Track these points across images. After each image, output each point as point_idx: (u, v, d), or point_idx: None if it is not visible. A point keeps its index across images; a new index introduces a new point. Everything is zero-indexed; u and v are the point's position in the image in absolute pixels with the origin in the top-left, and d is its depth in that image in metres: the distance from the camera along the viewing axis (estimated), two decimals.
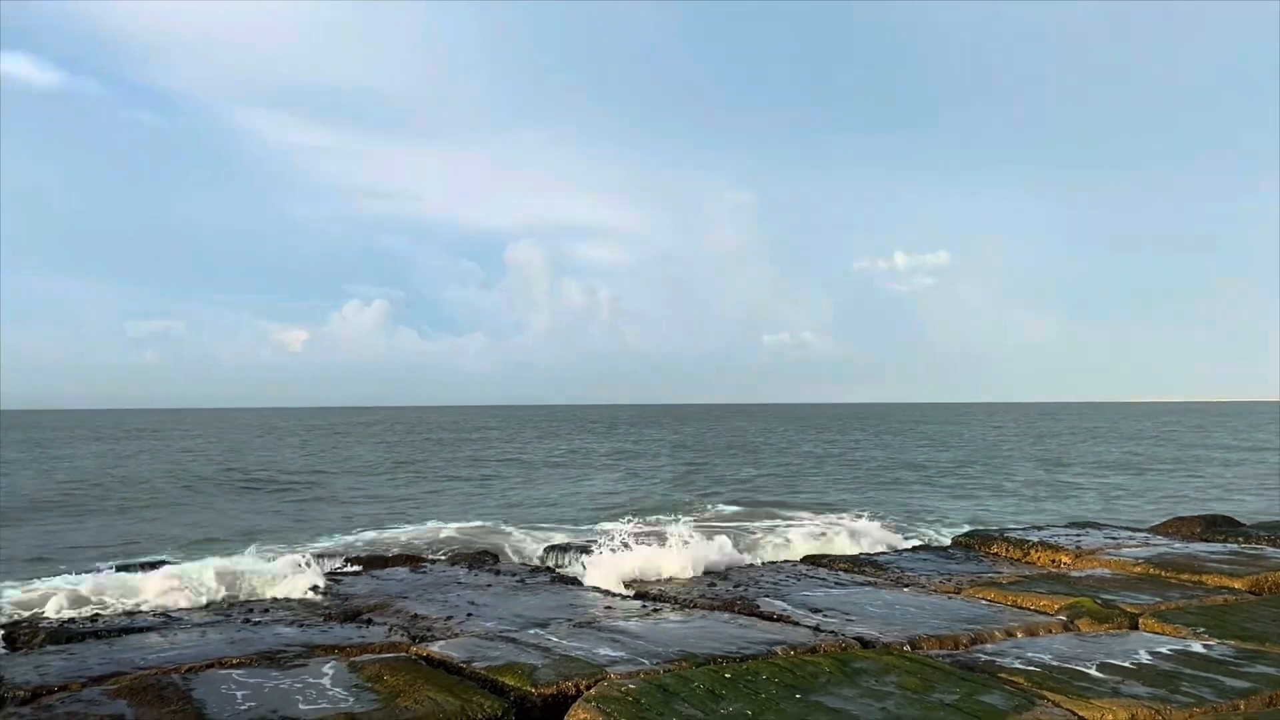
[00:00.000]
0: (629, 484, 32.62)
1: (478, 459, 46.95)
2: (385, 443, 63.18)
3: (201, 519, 23.08)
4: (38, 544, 19.13)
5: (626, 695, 5.27)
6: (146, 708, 5.24)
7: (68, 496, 28.50)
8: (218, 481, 33.60)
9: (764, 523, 19.36)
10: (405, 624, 7.73)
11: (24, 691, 5.82)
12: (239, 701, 5.35)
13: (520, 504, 26.30)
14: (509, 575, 10.07)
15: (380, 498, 28.33)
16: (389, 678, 5.67)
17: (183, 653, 6.67)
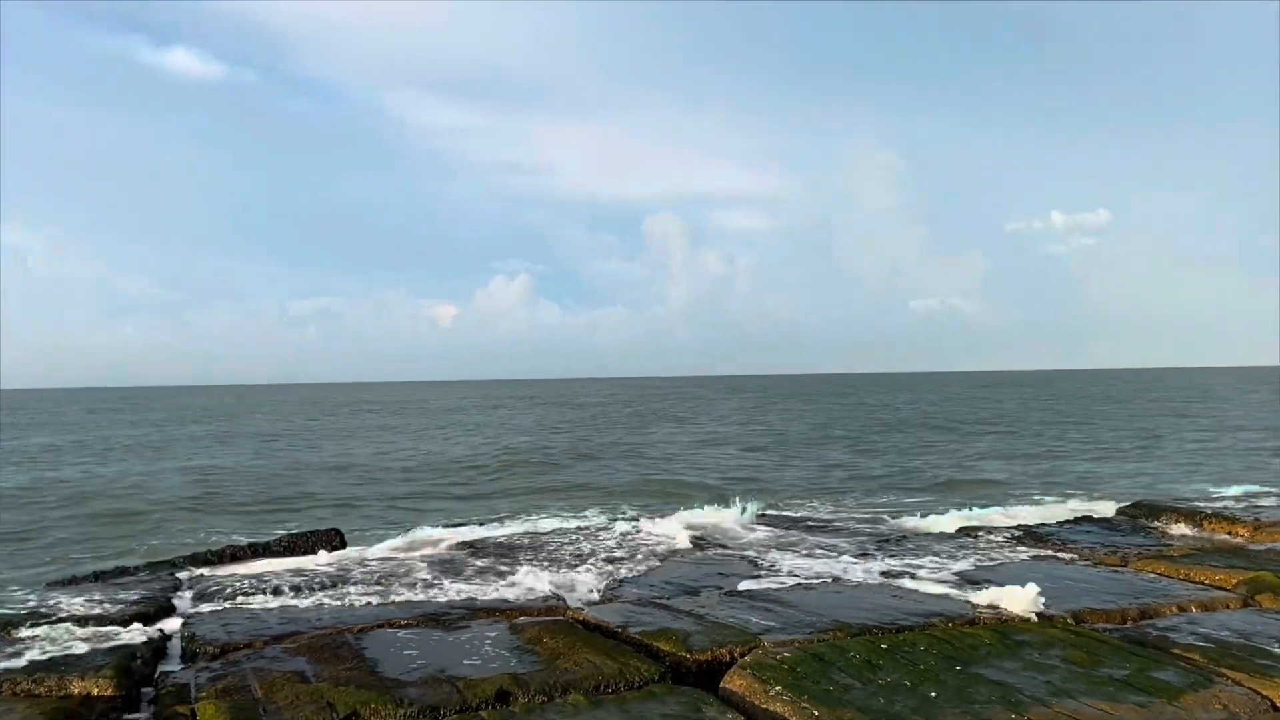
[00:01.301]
0: (761, 456, 32.46)
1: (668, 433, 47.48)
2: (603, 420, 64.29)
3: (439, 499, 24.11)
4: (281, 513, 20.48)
5: (782, 663, 5.27)
6: (323, 664, 5.53)
7: (411, 473, 30.01)
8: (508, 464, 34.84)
9: (917, 497, 18.96)
10: (559, 587, 7.93)
11: (213, 647, 6.24)
12: (408, 660, 5.59)
13: (663, 470, 26.53)
14: (653, 543, 10.19)
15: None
16: (548, 640, 5.83)
17: (354, 614, 7.03)
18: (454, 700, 4.84)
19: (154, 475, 27.13)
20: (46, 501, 21.92)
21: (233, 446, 39.27)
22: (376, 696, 4.84)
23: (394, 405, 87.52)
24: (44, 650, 6.08)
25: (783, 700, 4.79)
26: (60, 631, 6.77)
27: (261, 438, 44.05)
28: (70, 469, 29.91)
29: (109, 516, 20.06)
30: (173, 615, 7.62)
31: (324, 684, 5.10)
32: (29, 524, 19.29)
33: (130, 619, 7.12)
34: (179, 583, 9.15)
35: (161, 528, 17.97)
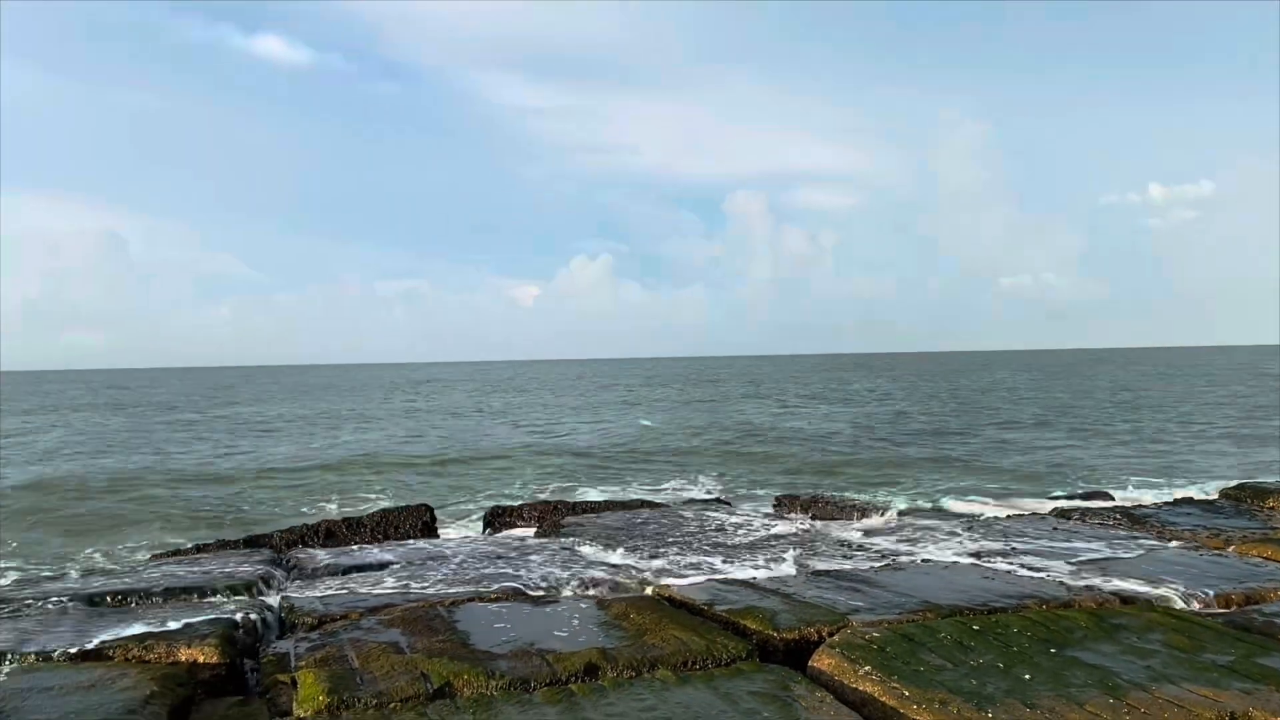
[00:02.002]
0: (856, 435, 32.09)
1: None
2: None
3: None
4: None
5: (871, 643, 5.22)
6: (416, 636, 5.65)
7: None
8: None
9: (1003, 479, 18.57)
10: (645, 564, 7.96)
11: (311, 618, 6.43)
12: (498, 633, 5.68)
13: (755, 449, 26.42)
14: (743, 521, 10.16)
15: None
16: (635, 616, 5.87)
17: (445, 587, 7.17)
18: (544, 673, 4.91)
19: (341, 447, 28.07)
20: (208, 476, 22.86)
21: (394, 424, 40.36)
22: (469, 668, 4.94)
23: (520, 383, 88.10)
24: (152, 620, 6.33)
25: (872, 680, 4.75)
26: (168, 602, 7.06)
27: (440, 414, 45.23)
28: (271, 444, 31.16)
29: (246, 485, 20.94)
30: (271, 588, 7.85)
31: (418, 655, 5.22)
32: (166, 497, 20.15)
33: (231, 591, 7.35)
34: (277, 557, 9.42)
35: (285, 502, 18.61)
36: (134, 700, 4.60)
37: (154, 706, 4.57)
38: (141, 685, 4.82)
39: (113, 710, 4.45)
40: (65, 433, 40.56)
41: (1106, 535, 8.90)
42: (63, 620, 6.49)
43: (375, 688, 4.75)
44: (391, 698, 4.64)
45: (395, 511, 11.71)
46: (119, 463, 27.29)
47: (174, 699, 4.74)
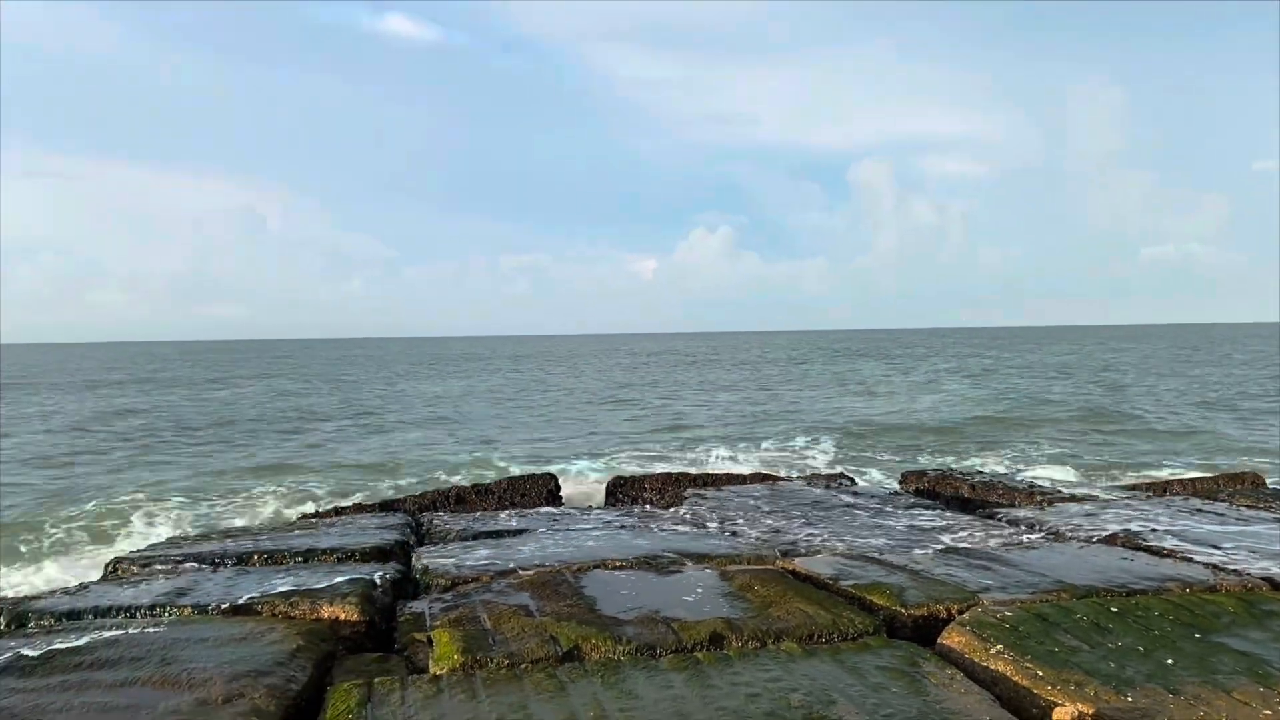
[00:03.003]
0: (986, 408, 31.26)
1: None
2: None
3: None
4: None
5: (1003, 621, 5.11)
6: (545, 600, 5.79)
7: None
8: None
9: (1144, 456, 17.84)
10: (767, 538, 7.96)
11: (445, 580, 6.67)
12: (624, 599, 5.78)
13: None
14: (868, 497, 10.05)
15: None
16: (759, 588, 5.88)
17: (571, 553, 7.32)
18: (670, 640, 4.97)
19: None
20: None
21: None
22: (596, 633, 5.04)
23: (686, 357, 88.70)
24: (295, 578, 6.65)
25: (1004, 659, 4.65)
26: (309, 562, 7.42)
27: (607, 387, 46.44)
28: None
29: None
30: (407, 550, 8.15)
31: (547, 619, 5.35)
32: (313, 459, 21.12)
33: (370, 552, 7.66)
34: (410, 521, 9.77)
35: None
36: (282, 653, 4.85)
37: (300, 659, 4.81)
38: (288, 639, 5.08)
39: (263, 661, 4.71)
40: (230, 395, 42.88)
41: (1256, 518, 8.47)
42: (215, 576, 6.89)
43: (507, 648, 4.90)
44: (523, 659, 4.78)
45: (522, 479, 12.00)
46: (283, 431, 28.74)
47: (318, 653, 4.98)
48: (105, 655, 4.90)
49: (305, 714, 4.31)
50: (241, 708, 4.12)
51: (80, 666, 4.75)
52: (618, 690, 4.28)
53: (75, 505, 16.15)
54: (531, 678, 4.47)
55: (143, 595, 6.25)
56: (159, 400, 42.77)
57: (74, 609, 6.00)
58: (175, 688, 4.40)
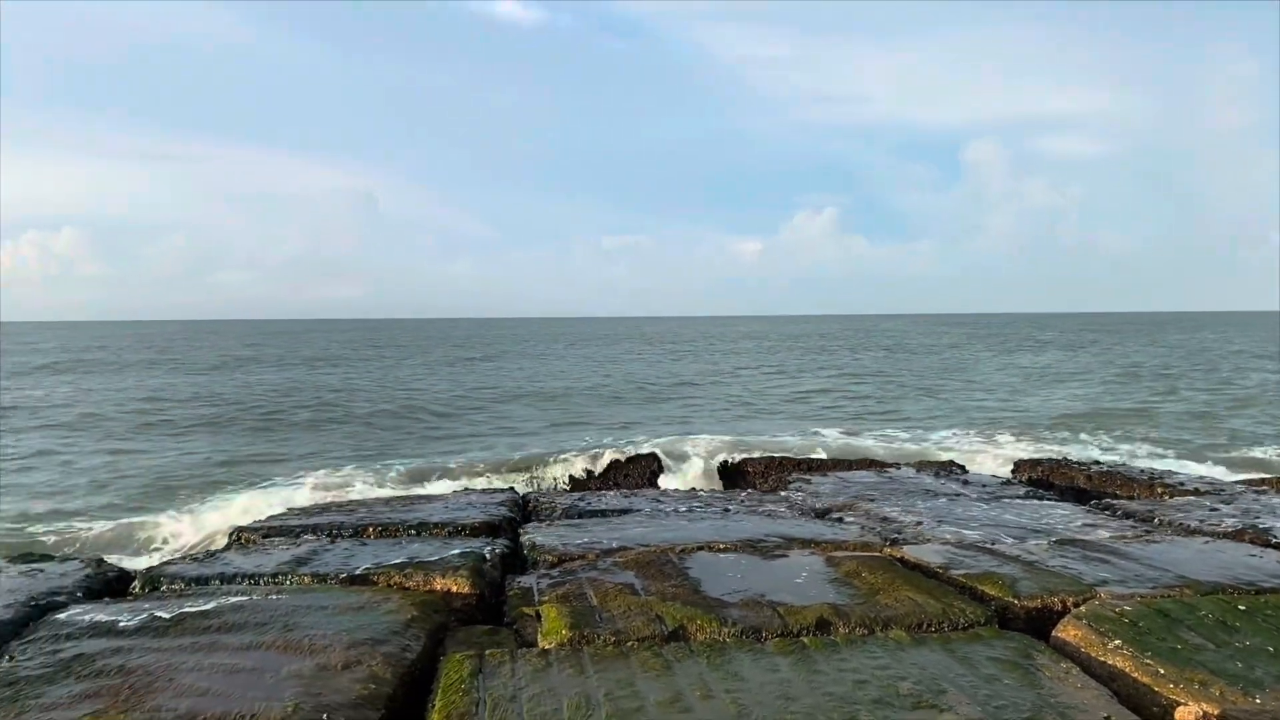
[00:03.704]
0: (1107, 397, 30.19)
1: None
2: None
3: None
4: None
5: (1122, 616, 4.95)
6: (650, 579, 5.83)
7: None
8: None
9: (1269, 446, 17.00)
10: (875, 525, 7.86)
11: (552, 556, 6.78)
12: (728, 582, 5.78)
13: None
14: (978, 485, 9.83)
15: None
16: (867, 575, 5.81)
17: (675, 534, 7.35)
18: (775, 624, 4.96)
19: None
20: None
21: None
22: (702, 614, 5.06)
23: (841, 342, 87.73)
24: (409, 551, 6.85)
25: (1123, 655, 4.51)
26: (421, 535, 7.63)
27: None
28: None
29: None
30: (514, 526, 8.31)
31: (652, 598, 5.40)
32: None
33: (479, 527, 7.83)
34: (518, 498, 9.95)
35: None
36: (398, 623, 5.01)
37: (415, 629, 4.95)
38: (404, 609, 5.24)
39: (380, 630, 4.87)
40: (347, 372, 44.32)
41: None
42: (332, 547, 7.14)
43: (613, 626, 4.96)
44: (629, 636, 4.83)
45: (627, 460, 12.12)
46: (411, 403, 29.61)
47: (432, 624, 5.13)
48: (232, 619, 5.13)
49: (419, 683, 4.44)
50: (359, 674, 4.27)
51: (209, 629, 4.99)
52: (723, 671, 4.29)
53: (210, 474, 16.97)
54: (638, 655, 4.52)
55: (265, 563, 6.52)
56: (325, 378, 43.99)
57: (202, 575, 6.29)
58: (297, 653, 4.58)
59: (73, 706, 3.99)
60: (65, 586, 6.01)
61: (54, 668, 4.49)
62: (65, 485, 16.00)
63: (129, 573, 6.58)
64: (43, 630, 5.10)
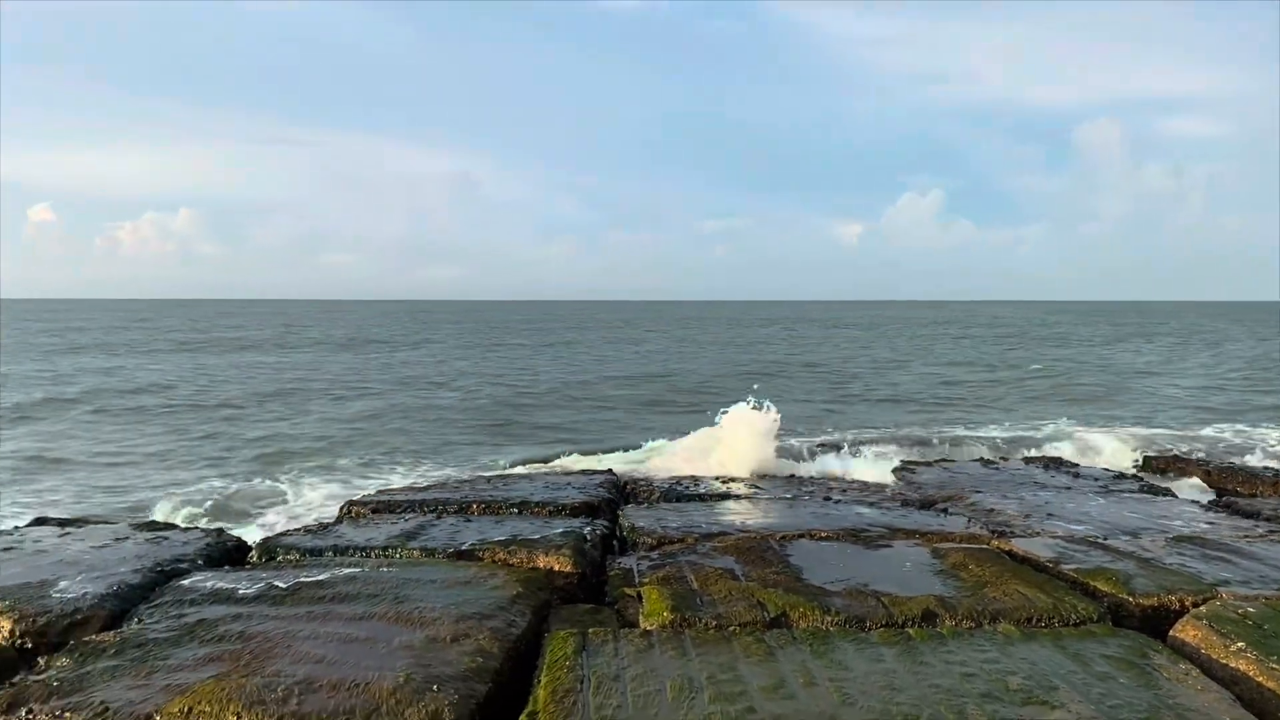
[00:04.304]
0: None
1: None
2: None
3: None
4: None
5: (1245, 618, 4.75)
6: (750, 565, 5.82)
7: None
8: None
9: None
10: (981, 517, 7.69)
11: (651, 539, 6.83)
12: (831, 570, 5.74)
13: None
14: (1090, 480, 9.53)
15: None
16: (974, 567, 5.70)
17: (776, 521, 7.32)
18: (880, 614, 4.90)
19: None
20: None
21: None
22: (804, 601, 5.03)
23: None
24: (513, 528, 6.97)
25: (1246, 657, 4.33)
26: (523, 514, 7.76)
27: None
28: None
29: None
30: (613, 507, 8.38)
31: (753, 584, 5.39)
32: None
33: (579, 507, 7.93)
34: (617, 479, 10.03)
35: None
36: (503, 598, 5.10)
37: (520, 605, 5.04)
38: (509, 585, 5.34)
39: (486, 605, 4.97)
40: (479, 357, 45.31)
41: None
42: (439, 523, 7.31)
43: (715, 610, 4.97)
44: (730, 621, 4.83)
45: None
46: (515, 383, 30.15)
47: (536, 601, 5.21)
48: (345, 590, 5.30)
49: (524, 658, 4.52)
50: (468, 647, 4.37)
51: (323, 599, 5.16)
52: (827, 660, 4.27)
53: (329, 448, 17.56)
54: (740, 640, 4.52)
55: (376, 537, 6.72)
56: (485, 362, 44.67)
57: (316, 546, 6.52)
58: (408, 624, 4.71)
59: (197, 669, 4.18)
60: (188, 554, 6.29)
61: (179, 631, 4.70)
62: (191, 457, 16.76)
63: (246, 543, 6.86)
64: (168, 595, 5.35)
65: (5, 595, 5.20)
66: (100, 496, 13.45)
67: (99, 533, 6.94)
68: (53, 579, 5.53)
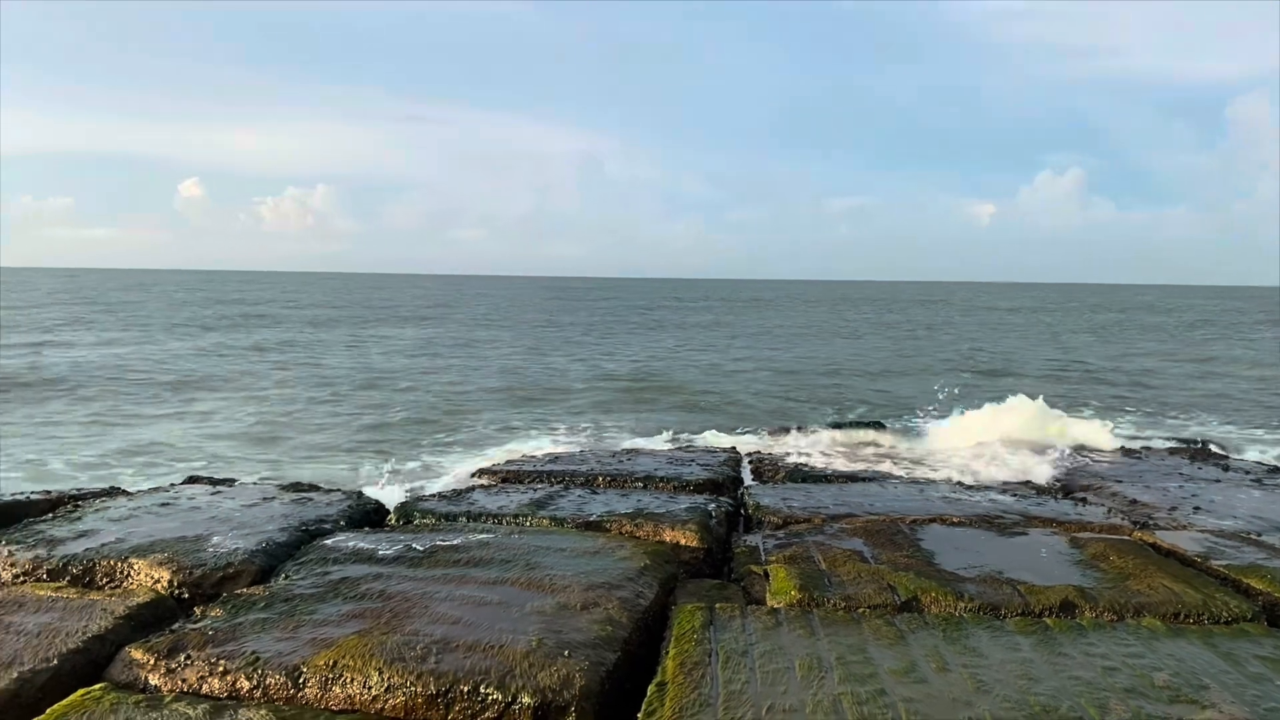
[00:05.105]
0: None
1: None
2: None
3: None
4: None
5: None
6: (880, 548, 5.74)
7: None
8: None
9: None
10: (1123, 508, 7.40)
11: (776, 518, 6.80)
12: (963, 556, 5.61)
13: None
14: (1240, 473, 9.04)
15: None
16: (1115, 559, 5.49)
17: (906, 505, 7.19)
18: (1016, 603, 4.77)
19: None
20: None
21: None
22: (936, 586, 4.93)
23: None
24: (638, 502, 7.05)
25: None
26: (648, 488, 7.83)
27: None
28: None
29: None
30: (737, 485, 8.38)
31: (883, 566, 5.31)
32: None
33: (703, 484, 7.95)
34: (741, 458, 10.02)
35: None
36: (631, 569, 5.16)
37: (648, 577, 5.10)
38: (636, 557, 5.40)
39: (615, 575, 5.04)
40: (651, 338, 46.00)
41: None
42: (566, 493, 7.44)
43: (843, 591, 4.92)
44: (859, 603, 4.78)
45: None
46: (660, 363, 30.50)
47: (663, 574, 5.25)
48: (478, 555, 5.45)
49: (651, 629, 4.57)
50: (597, 616, 4.44)
51: (458, 563, 5.32)
52: (960, 646, 4.18)
53: (465, 414, 18.09)
54: (869, 622, 4.46)
55: (507, 505, 6.88)
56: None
57: (450, 512, 6.72)
58: (539, 590, 4.82)
59: (341, 624, 4.36)
60: (330, 515, 6.57)
61: (323, 588, 4.92)
62: (336, 422, 17.46)
63: (385, 506, 7.12)
64: (312, 554, 5.60)
65: (164, 548, 5.54)
66: (250, 458, 14.14)
67: (247, 492, 7.32)
68: (206, 534, 5.86)
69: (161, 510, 6.54)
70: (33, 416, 17.61)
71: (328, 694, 3.80)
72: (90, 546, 5.57)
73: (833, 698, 3.64)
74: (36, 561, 5.37)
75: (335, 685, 3.81)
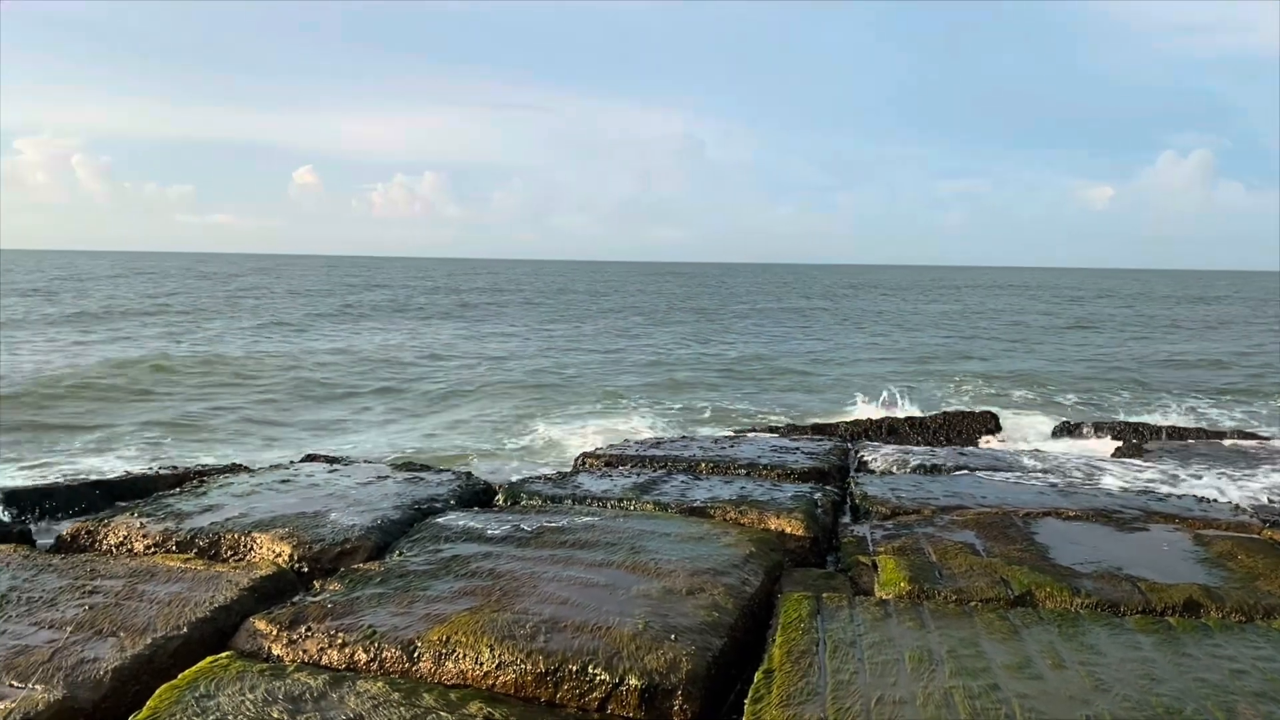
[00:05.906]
0: None
1: None
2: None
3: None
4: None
5: None
6: (993, 541, 5.61)
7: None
8: None
9: None
10: (1251, 503, 7.08)
11: (884, 509, 6.70)
12: (1079, 551, 5.44)
13: None
14: None
15: None
16: (1244, 558, 5.25)
17: (1019, 497, 7.00)
18: (1135, 600, 4.61)
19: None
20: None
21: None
22: (1051, 581, 4.80)
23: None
24: (742, 489, 7.02)
25: None
26: (749, 475, 7.80)
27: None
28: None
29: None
30: (843, 474, 8.28)
31: (996, 560, 5.19)
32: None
33: (808, 472, 7.88)
34: (844, 447, 9.90)
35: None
36: (737, 556, 5.16)
37: (753, 565, 5.08)
38: (742, 544, 5.39)
39: (720, 562, 5.04)
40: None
41: None
42: (670, 479, 7.46)
43: (954, 583, 4.83)
44: (971, 596, 4.69)
45: (960, 416, 11.68)
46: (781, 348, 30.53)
47: (769, 562, 5.23)
48: (584, 537, 5.52)
49: (757, 616, 4.56)
50: (703, 601, 4.45)
51: (565, 544, 5.40)
52: (1077, 643, 4.06)
53: (576, 394, 18.40)
54: (981, 616, 4.37)
55: (612, 489, 6.94)
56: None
57: (556, 494, 6.81)
58: (644, 574, 4.85)
59: (454, 601, 4.47)
60: (441, 495, 6.73)
61: (435, 565, 5.04)
62: (435, 407, 17.91)
63: (493, 486, 7.26)
64: (424, 531, 5.75)
65: (285, 523, 5.75)
66: (369, 438, 14.59)
67: (362, 470, 7.54)
68: (324, 510, 6.07)
69: (281, 486, 6.79)
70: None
71: (441, 668, 3.90)
72: (215, 520, 5.82)
73: (944, 691, 3.58)
74: (166, 534, 5.64)
75: (449, 660, 3.91)
